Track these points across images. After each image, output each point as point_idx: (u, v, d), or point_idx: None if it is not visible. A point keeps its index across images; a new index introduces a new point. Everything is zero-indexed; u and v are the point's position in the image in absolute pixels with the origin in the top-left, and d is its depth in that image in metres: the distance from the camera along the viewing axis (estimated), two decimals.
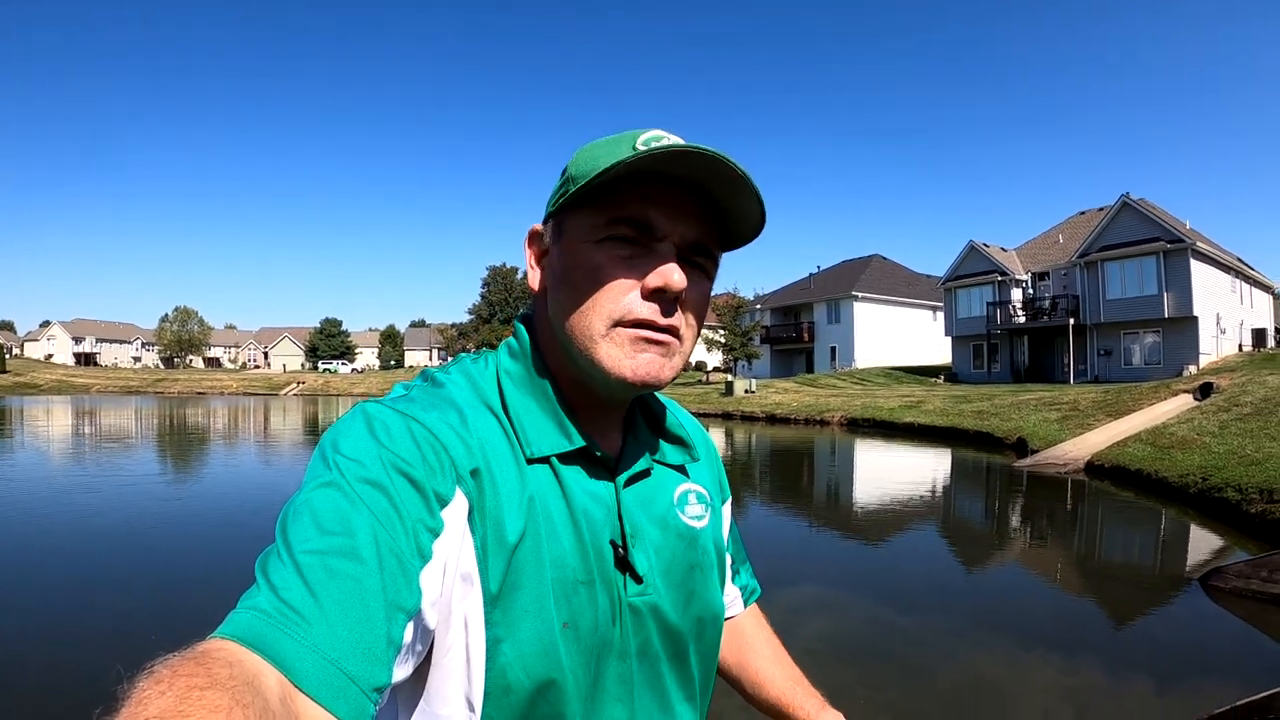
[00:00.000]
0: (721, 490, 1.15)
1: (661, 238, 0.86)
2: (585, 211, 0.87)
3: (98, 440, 22.83)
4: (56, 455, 18.77)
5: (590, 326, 0.86)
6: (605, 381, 0.88)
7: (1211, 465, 11.75)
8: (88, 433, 25.87)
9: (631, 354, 0.86)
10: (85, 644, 5.39)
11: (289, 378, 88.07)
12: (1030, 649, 5.62)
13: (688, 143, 0.81)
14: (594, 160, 0.84)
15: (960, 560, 8.87)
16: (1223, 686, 4.86)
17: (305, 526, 0.69)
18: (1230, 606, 6.49)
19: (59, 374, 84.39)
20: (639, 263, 0.86)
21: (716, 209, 0.88)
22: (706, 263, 0.92)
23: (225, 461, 18.00)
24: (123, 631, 5.65)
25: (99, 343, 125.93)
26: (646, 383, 0.87)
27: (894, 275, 59.60)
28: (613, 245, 0.85)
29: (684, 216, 0.87)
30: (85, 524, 9.70)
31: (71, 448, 20.86)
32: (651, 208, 0.85)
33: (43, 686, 4.69)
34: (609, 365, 0.86)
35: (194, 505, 11.46)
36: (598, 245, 0.86)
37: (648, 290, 0.85)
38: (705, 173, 0.83)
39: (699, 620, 0.98)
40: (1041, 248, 44.43)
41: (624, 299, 0.85)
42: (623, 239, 0.85)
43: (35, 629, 5.73)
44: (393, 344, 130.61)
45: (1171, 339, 34.48)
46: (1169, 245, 33.71)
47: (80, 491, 12.48)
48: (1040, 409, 21.70)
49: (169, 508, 11.10)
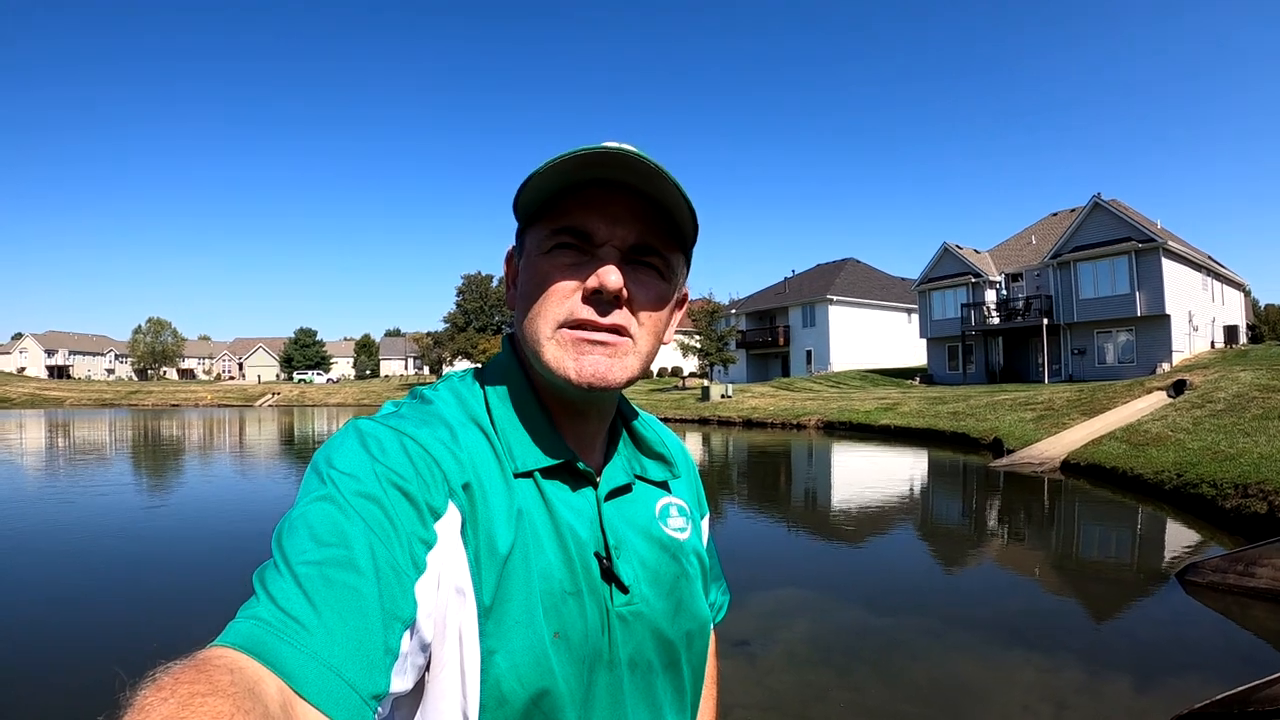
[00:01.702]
0: (700, 505, 1.16)
1: (601, 243, 0.89)
2: (536, 226, 0.92)
3: (75, 455, 22.54)
4: (35, 472, 18.53)
5: (539, 331, 0.89)
6: (555, 383, 0.90)
7: (1186, 461, 11.89)
8: (62, 447, 25.58)
9: (575, 355, 0.88)
10: (68, 658, 5.31)
11: (264, 388, 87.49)
12: (1009, 648, 5.61)
13: (597, 145, 0.83)
14: (541, 176, 0.87)
15: (938, 560, 8.88)
16: (1201, 681, 4.88)
17: (302, 539, 0.71)
18: (1207, 601, 6.55)
19: (32, 387, 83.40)
20: (582, 268, 0.88)
21: (660, 209, 0.90)
22: (656, 261, 0.92)
23: (203, 474, 17.79)
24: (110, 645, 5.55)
25: (72, 355, 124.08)
26: (594, 384, 0.88)
27: (868, 278, 59.99)
28: (558, 254, 0.89)
29: (623, 220, 0.89)
30: (61, 538, 9.58)
31: (49, 464, 20.60)
32: (588, 215, 0.88)
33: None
34: (555, 366, 0.88)
35: (170, 520, 11.29)
36: (546, 255, 0.89)
37: (587, 292, 0.88)
38: (626, 172, 0.85)
39: (688, 630, 0.99)
40: (1014, 249, 44.93)
41: (566, 302, 0.88)
42: (566, 246, 0.89)
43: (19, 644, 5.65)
44: (368, 353, 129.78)
45: (1144, 337, 34.94)
46: (1140, 245, 34.18)
47: (55, 505, 12.33)
48: (1016, 409, 21.89)
49: (146, 522, 10.96)
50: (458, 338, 78.44)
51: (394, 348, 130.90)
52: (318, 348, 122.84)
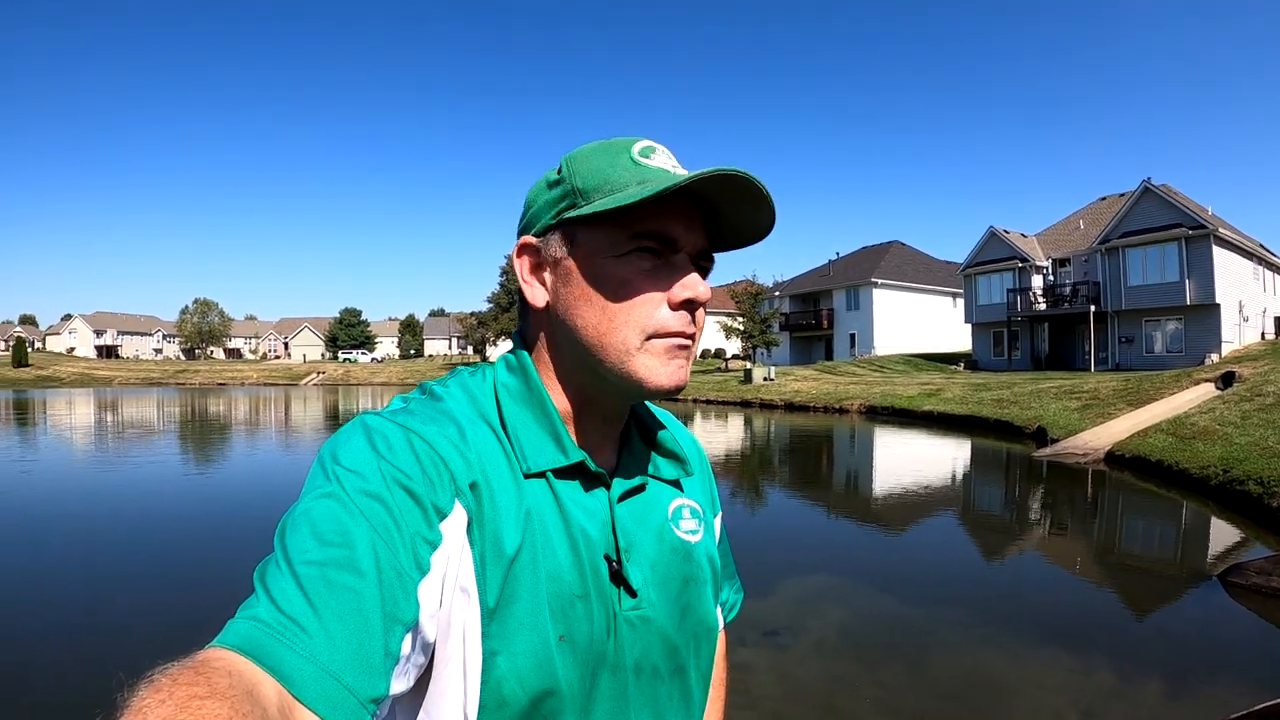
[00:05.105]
0: (714, 504, 1.15)
1: (679, 249, 0.88)
2: (603, 226, 0.87)
3: (123, 431, 23.12)
4: (82, 446, 19.03)
5: (626, 341, 0.87)
6: (639, 392, 0.89)
7: (1233, 457, 11.60)
8: (110, 424, 26.16)
9: (666, 363, 0.88)
10: (110, 640, 5.47)
11: (309, 368, 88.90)
12: (1042, 646, 5.56)
13: (732, 169, 0.82)
14: (603, 173, 0.87)
15: (977, 551, 8.84)
16: (1238, 688, 4.78)
17: (304, 537, 0.70)
18: (1249, 604, 6.39)
19: (81, 366, 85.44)
20: (662, 275, 0.87)
21: (714, 214, 0.91)
22: (708, 265, 0.94)
23: (248, 450, 18.15)
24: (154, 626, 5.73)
25: (120, 335, 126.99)
26: (679, 388, 0.89)
27: (914, 261, 59.24)
28: (635, 258, 0.87)
29: (695, 227, 0.89)
30: (112, 515, 9.86)
31: (95, 439, 21.14)
32: (672, 221, 0.87)
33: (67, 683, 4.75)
34: (647, 377, 0.87)
35: (218, 497, 11.58)
36: (621, 259, 0.87)
37: (676, 302, 0.87)
38: (731, 193, 0.86)
39: (695, 635, 0.98)
40: (1062, 234, 44.05)
41: (656, 312, 0.87)
42: (645, 251, 0.87)
43: (69, 624, 5.81)
44: (412, 333, 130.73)
45: (1193, 326, 34.12)
46: (1191, 231, 33.36)
47: (103, 483, 12.67)
48: (1060, 397, 21.56)
49: (192, 500, 11.25)
50: (501, 318, 78.51)
51: (438, 327, 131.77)
52: (362, 327, 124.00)
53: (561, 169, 0.91)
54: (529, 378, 0.93)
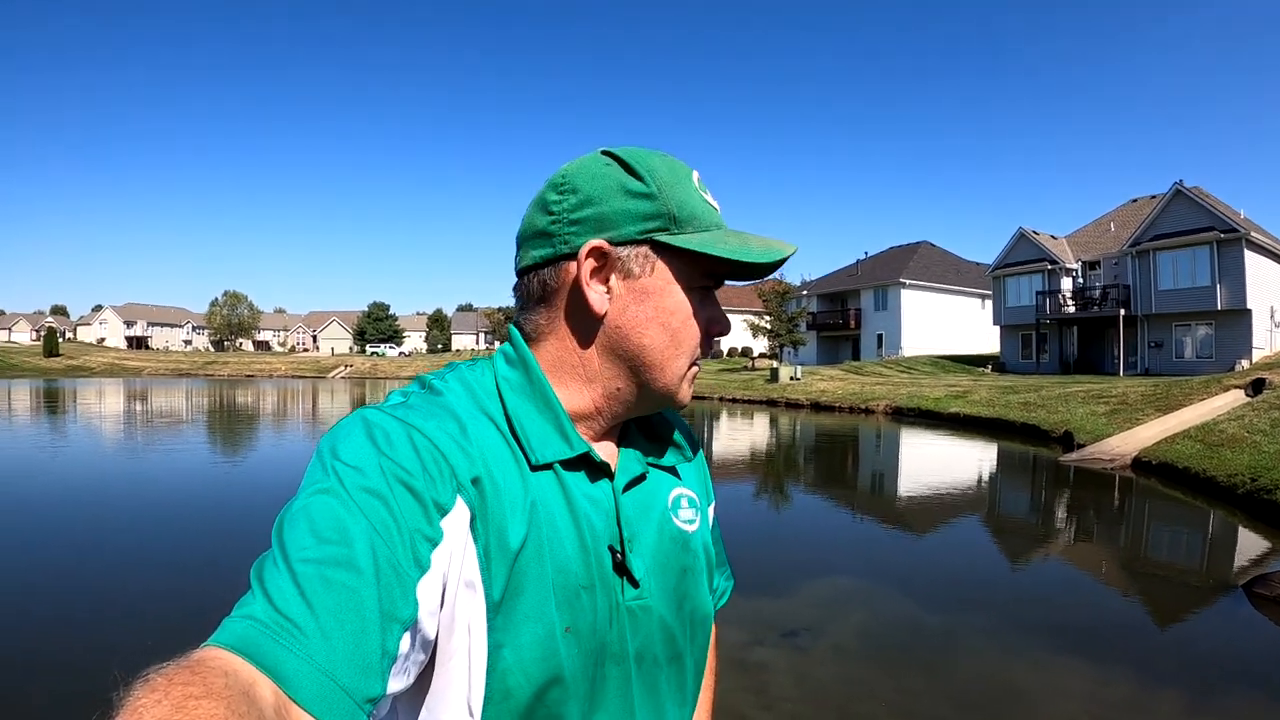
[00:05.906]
0: (708, 493, 1.16)
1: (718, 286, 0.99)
2: (684, 256, 0.92)
3: (151, 420, 23.43)
4: (111, 435, 19.33)
5: (681, 367, 0.95)
6: (669, 406, 0.99)
7: (1261, 465, 11.50)
8: (140, 413, 26.48)
9: (691, 384, 0.98)
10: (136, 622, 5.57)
11: (337, 361, 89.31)
12: (1062, 653, 5.55)
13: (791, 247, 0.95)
14: (689, 206, 0.92)
15: (1000, 556, 8.84)
16: (1260, 704, 4.78)
17: (302, 534, 0.70)
18: (1273, 615, 6.35)
19: (111, 357, 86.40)
20: (705, 307, 0.96)
21: None
22: None
23: (274, 442, 18.42)
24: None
25: (150, 326, 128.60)
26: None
27: (942, 262, 58.74)
28: (700, 293, 0.95)
29: None
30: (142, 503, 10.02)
31: (125, 427, 21.46)
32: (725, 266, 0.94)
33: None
34: (682, 397, 0.97)
35: (242, 485, 11.75)
36: (690, 292, 0.93)
37: (713, 334, 0.97)
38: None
39: (692, 623, 1.00)
40: (1092, 236, 43.53)
41: (697, 341, 0.96)
42: (709, 288, 0.96)
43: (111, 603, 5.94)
44: (440, 327, 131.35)
45: (1224, 332, 33.65)
46: (1223, 235, 32.87)
47: (126, 470, 12.88)
48: (1088, 402, 21.33)
49: (216, 487, 11.41)
50: None
51: (465, 322, 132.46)
52: (390, 321, 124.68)
53: (645, 180, 0.90)
54: (530, 371, 0.94)
